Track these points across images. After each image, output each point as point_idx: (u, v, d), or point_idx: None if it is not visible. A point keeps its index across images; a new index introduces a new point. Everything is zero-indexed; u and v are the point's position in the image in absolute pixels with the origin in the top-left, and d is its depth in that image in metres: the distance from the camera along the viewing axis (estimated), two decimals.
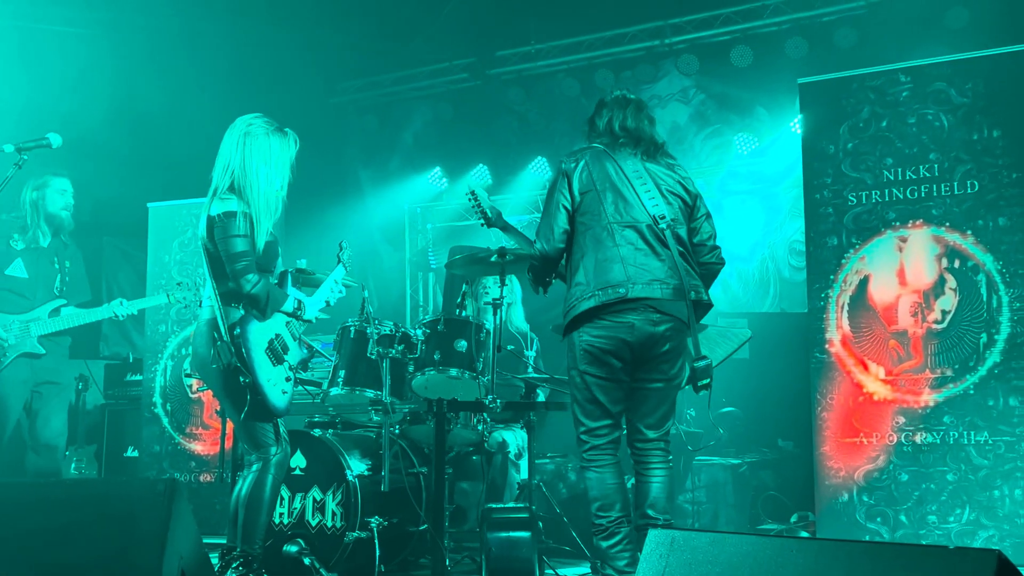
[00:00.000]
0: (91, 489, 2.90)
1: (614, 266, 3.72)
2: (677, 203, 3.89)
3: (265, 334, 4.09)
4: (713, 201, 8.13)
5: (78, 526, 2.78)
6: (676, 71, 8.26)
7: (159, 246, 6.99)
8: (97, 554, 2.73)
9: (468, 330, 4.99)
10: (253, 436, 4.06)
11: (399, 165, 9.75)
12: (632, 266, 3.72)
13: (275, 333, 4.13)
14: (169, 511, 2.75)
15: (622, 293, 3.68)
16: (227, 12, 7.89)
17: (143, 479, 3.09)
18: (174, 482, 2.81)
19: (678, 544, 2.17)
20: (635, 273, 3.71)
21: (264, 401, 4.00)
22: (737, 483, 6.19)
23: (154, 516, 2.73)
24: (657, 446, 3.82)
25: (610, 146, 3.93)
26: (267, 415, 4.05)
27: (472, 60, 9.20)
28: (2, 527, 2.82)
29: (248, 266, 3.99)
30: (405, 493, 4.89)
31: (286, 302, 4.18)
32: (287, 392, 4.12)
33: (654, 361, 3.75)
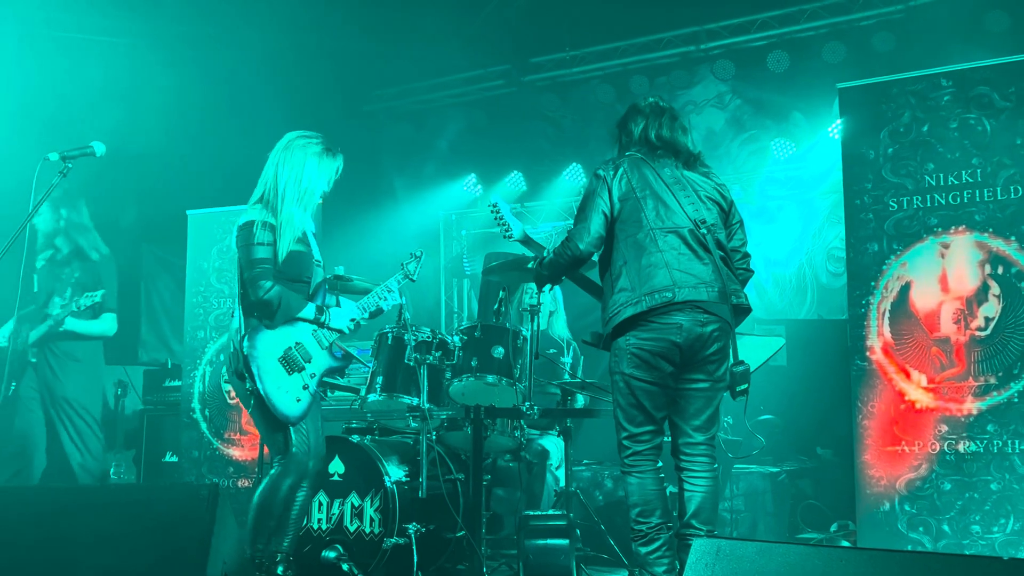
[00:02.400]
0: (136, 494, 2.92)
1: (659, 271, 3.72)
2: (715, 209, 3.90)
3: (281, 342, 4.11)
4: (750, 207, 8.09)
5: (124, 531, 2.80)
6: (712, 76, 8.22)
7: (198, 253, 7.06)
8: (142, 559, 2.76)
9: (505, 337, 4.99)
10: (269, 441, 4.18)
11: (433, 172, 9.77)
12: (677, 270, 3.71)
13: (295, 341, 4.14)
14: (213, 516, 2.77)
15: (669, 297, 3.67)
16: (264, 22, 7.96)
17: (187, 484, 3.12)
18: (216, 487, 2.83)
19: (724, 553, 2.15)
20: (680, 277, 3.70)
21: (272, 408, 4.02)
22: (776, 491, 6.13)
23: (198, 521, 2.75)
24: (703, 451, 3.78)
25: (647, 155, 3.93)
26: (276, 422, 4.07)
27: (507, 67, 9.22)
28: (49, 532, 2.85)
29: (262, 273, 4.06)
30: (442, 500, 4.89)
31: (305, 309, 4.16)
32: (302, 400, 4.09)
33: (701, 362, 3.74)
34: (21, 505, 2.90)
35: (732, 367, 3.71)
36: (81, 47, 7.65)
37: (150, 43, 7.87)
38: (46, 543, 2.83)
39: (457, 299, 9.96)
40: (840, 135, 5.75)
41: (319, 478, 4.29)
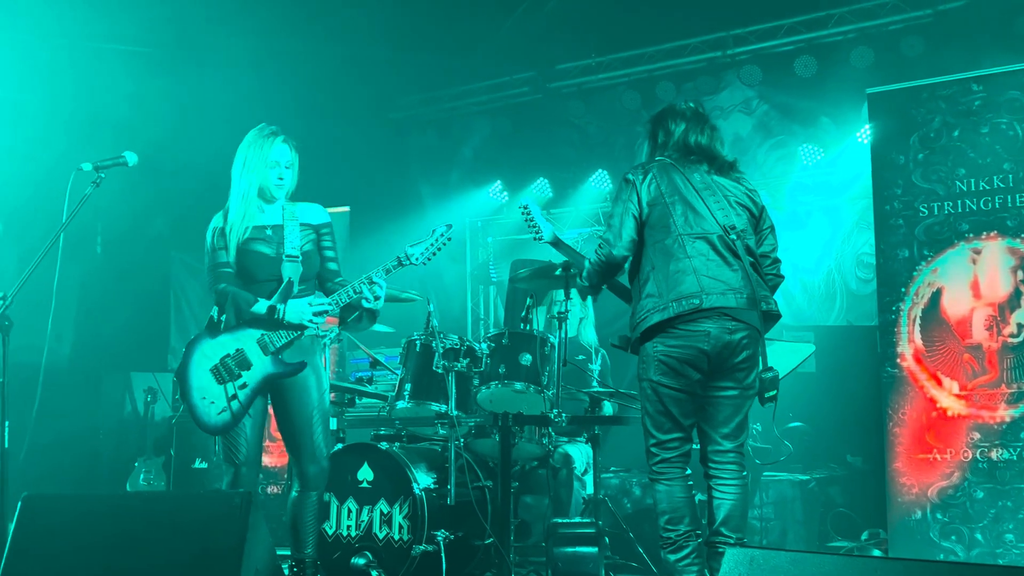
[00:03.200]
0: (170, 502, 2.95)
1: (687, 277, 3.70)
2: (745, 215, 3.88)
3: (218, 351, 4.02)
4: (778, 213, 8.04)
5: (157, 538, 2.83)
6: (738, 82, 8.18)
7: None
8: (176, 566, 2.78)
9: (533, 344, 4.99)
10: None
11: (459, 179, 9.79)
12: (705, 276, 3.70)
13: (235, 349, 4.01)
14: (245, 523, 2.79)
15: (696, 304, 3.66)
16: (290, 30, 8.02)
17: (220, 492, 3.14)
18: (249, 495, 2.85)
19: (758, 563, 2.14)
20: (708, 284, 3.69)
21: (195, 417, 4.00)
22: (805, 499, 6.09)
23: (231, 528, 2.77)
24: (732, 458, 3.76)
25: (679, 160, 3.91)
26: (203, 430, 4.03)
27: (532, 74, 9.22)
28: (84, 538, 2.88)
29: (214, 278, 4.10)
30: (471, 507, 4.90)
31: (256, 305, 3.99)
32: (227, 411, 3.94)
33: (730, 370, 3.72)
34: (58, 512, 2.93)
35: (761, 373, 3.69)
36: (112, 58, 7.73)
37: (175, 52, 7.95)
38: (82, 550, 2.86)
39: (484, 306, 9.97)
40: (869, 140, 5.72)
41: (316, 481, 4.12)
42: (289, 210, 4.17)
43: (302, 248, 4.10)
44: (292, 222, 4.13)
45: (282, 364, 4.00)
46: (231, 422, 3.95)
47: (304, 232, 4.14)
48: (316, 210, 4.26)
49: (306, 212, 4.21)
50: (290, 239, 4.08)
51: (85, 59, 7.67)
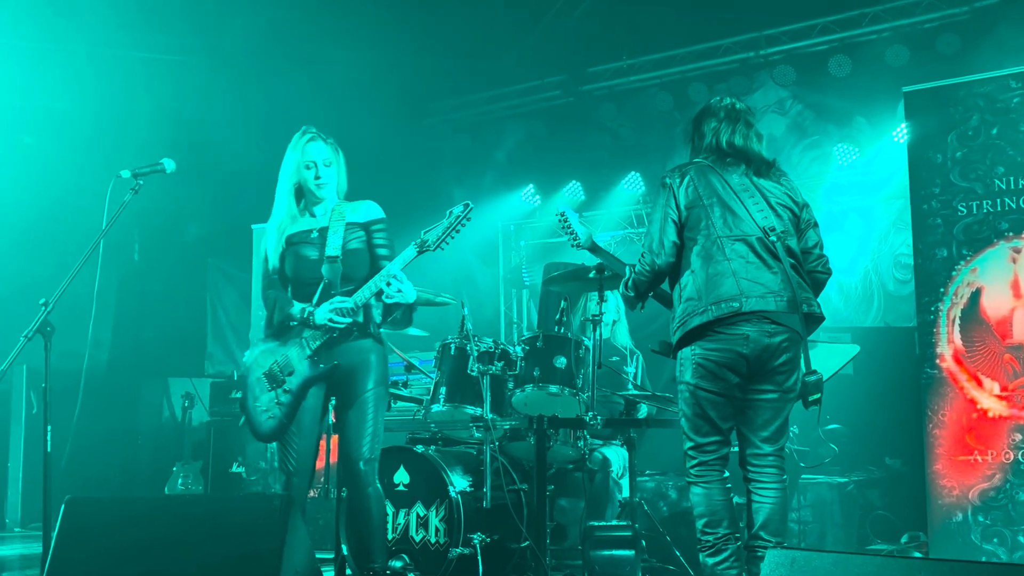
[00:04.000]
0: (209, 505, 2.97)
1: (726, 280, 3.67)
2: (787, 215, 3.81)
3: (268, 357, 4.03)
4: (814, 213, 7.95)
5: (198, 541, 2.85)
6: (772, 82, 8.14)
7: (262, 266, 7.14)
8: (216, 568, 2.80)
9: (567, 347, 4.98)
10: None
11: (492, 183, 9.80)
12: (744, 279, 3.66)
13: (282, 354, 4.00)
14: (285, 526, 2.80)
15: (735, 307, 3.62)
16: (324, 37, 8.09)
17: (260, 495, 3.17)
18: (289, 498, 2.87)
19: (799, 565, 2.12)
20: (748, 287, 3.65)
21: (251, 426, 4.00)
22: (844, 502, 6.03)
23: (271, 531, 2.79)
24: (772, 462, 3.72)
25: (716, 162, 3.87)
26: (256, 438, 4.04)
27: (564, 77, 9.23)
28: (125, 541, 2.91)
29: (264, 284, 4.11)
30: (507, 510, 4.90)
31: (292, 308, 3.98)
32: (273, 417, 3.94)
33: (770, 373, 3.68)
34: (100, 515, 2.97)
35: (804, 376, 3.64)
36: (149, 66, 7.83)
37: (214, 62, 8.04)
38: (124, 552, 2.89)
39: (517, 309, 9.97)
40: (906, 139, 5.66)
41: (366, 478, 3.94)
42: (338, 210, 4.09)
43: (344, 247, 4.01)
44: (338, 222, 4.05)
45: (317, 367, 3.95)
46: (278, 428, 3.93)
47: (350, 231, 4.05)
48: (366, 207, 4.16)
49: (356, 210, 4.12)
50: (332, 240, 4.01)
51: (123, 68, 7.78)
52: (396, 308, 4.06)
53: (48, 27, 7.50)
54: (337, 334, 3.94)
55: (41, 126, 8.12)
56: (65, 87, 7.76)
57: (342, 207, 4.12)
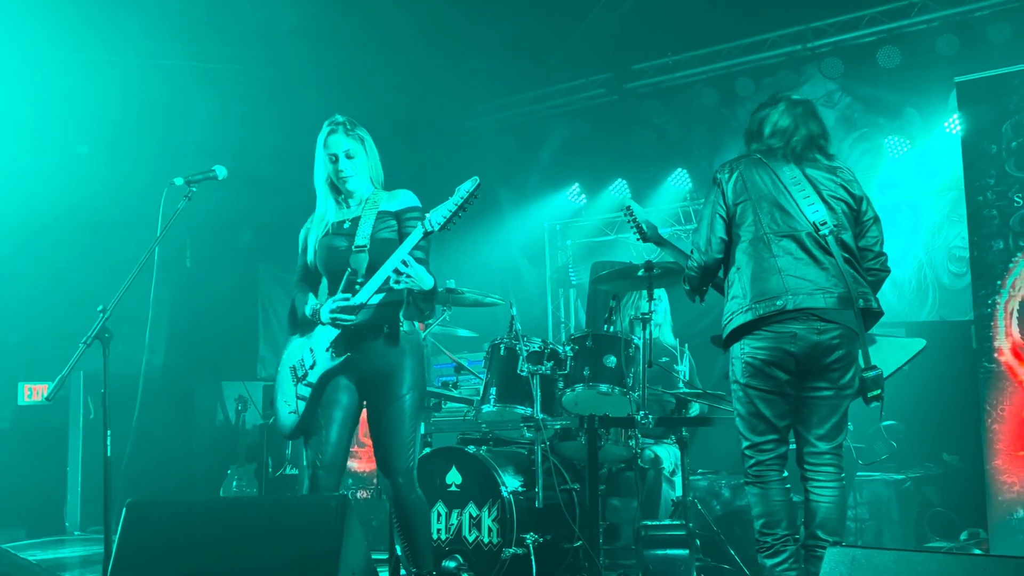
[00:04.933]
0: (267, 506, 3.01)
1: (771, 277, 3.62)
2: (841, 208, 3.73)
3: (295, 352, 3.97)
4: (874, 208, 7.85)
5: (256, 542, 2.89)
6: (820, 75, 8.03)
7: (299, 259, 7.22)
8: (274, 570, 2.83)
9: (617, 345, 4.96)
10: None
11: (537, 183, 9.81)
12: (791, 277, 3.60)
13: (308, 348, 3.91)
14: (342, 527, 2.83)
15: (780, 305, 3.57)
16: (368, 43, 8.15)
17: (316, 496, 3.20)
18: (345, 499, 2.89)
19: (859, 563, 2.09)
20: (794, 284, 3.59)
21: (277, 422, 4.00)
22: (901, 499, 5.94)
23: (328, 533, 2.82)
24: (829, 460, 3.67)
25: (766, 154, 3.82)
26: (281, 435, 4.02)
27: (608, 75, 9.21)
28: (185, 543, 2.96)
29: (294, 280, 4.10)
30: (559, 509, 4.90)
31: (308, 304, 3.92)
32: (295, 412, 3.87)
33: (823, 370, 3.62)
34: (161, 518, 3.01)
35: (863, 372, 3.58)
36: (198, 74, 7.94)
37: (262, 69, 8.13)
38: (184, 554, 2.94)
39: (564, 309, 9.96)
40: (959, 130, 5.57)
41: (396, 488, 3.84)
42: (372, 200, 4.00)
43: (373, 237, 3.87)
44: (371, 211, 3.95)
45: (334, 359, 3.81)
46: (299, 424, 3.85)
47: (381, 220, 3.92)
48: (400, 196, 4.03)
49: (389, 200, 4.00)
50: (362, 229, 3.90)
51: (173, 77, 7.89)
52: (415, 296, 3.83)
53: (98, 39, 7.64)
54: (352, 327, 3.77)
55: (94, 136, 8.28)
56: (116, 97, 7.90)
57: (377, 196, 4.02)
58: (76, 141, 8.38)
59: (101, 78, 7.82)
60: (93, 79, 7.81)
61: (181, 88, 7.86)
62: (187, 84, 7.88)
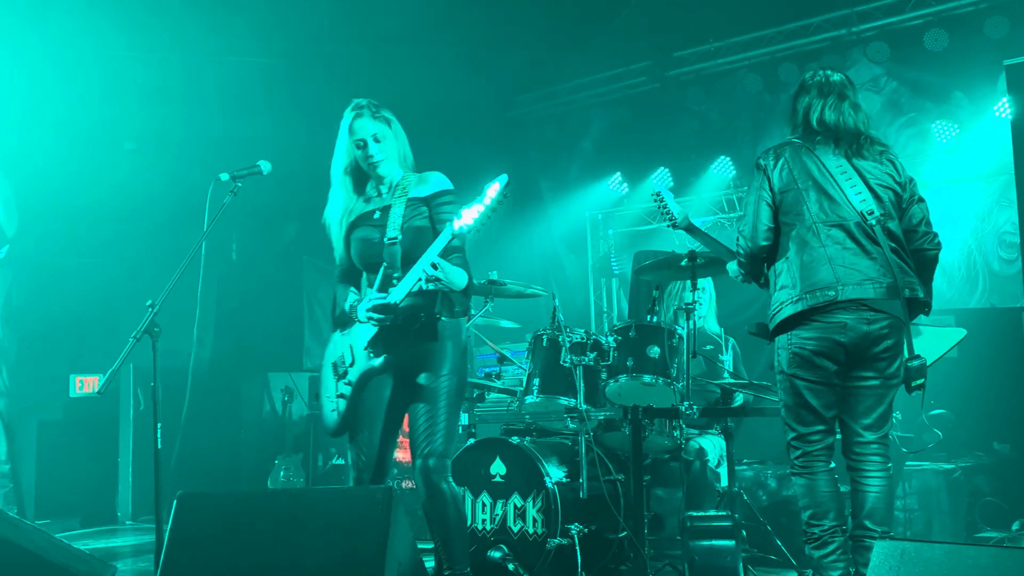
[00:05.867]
0: (314, 499, 3.04)
1: (821, 267, 3.59)
2: (888, 196, 3.69)
3: (338, 348, 3.85)
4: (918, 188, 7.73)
5: (304, 533, 2.92)
6: (865, 59, 7.92)
7: None
8: (322, 560, 2.87)
9: (660, 336, 4.95)
10: None
11: (578, 173, 9.79)
12: (841, 267, 3.57)
13: (348, 345, 3.79)
14: (388, 519, 2.85)
15: (831, 296, 3.54)
16: (408, 35, 8.16)
17: (363, 488, 3.22)
18: (391, 491, 2.92)
19: (909, 556, 2.07)
20: (844, 274, 3.56)
21: (322, 419, 3.89)
22: (951, 489, 5.87)
23: (374, 524, 2.84)
24: (875, 450, 3.64)
25: (810, 141, 3.77)
26: (325, 432, 3.87)
27: (649, 63, 9.16)
28: (236, 534, 3.00)
29: (337, 275, 3.95)
30: (603, 500, 4.90)
31: (346, 301, 3.78)
32: (336, 410, 3.77)
33: (871, 360, 3.60)
34: (211, 509, 3.06)
35: (907, 362, 3.55)
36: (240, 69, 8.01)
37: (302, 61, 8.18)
38: (235, 545, 2.98)
39: (606, 299, 9.94)
40: (1009, 114, 5.46)
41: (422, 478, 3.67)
42: (402, 186, 3.79)
43: (405, 227, 3.68)
44: (400, 199, 3.75)
45: (371, 360, 3.70)
46: (340, 423, 3.76)
47: (412, 208, 3.72)
48: (431, 180, 3.81)
49: (419, 184, 3.79)
50: (392, 219, 3.70)
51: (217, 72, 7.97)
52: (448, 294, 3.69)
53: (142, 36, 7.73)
54: (390, 324, 3.62)
55: (141, 132, 8.39)
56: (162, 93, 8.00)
57: (407, 181, 3.82)
58: (123, 137, 8.50)
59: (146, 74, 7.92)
60: (138, 76, 7.92)
61: (225, 83, 7.94)
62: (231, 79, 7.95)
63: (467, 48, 8.44)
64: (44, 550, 3.99)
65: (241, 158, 4.42)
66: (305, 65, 8.19)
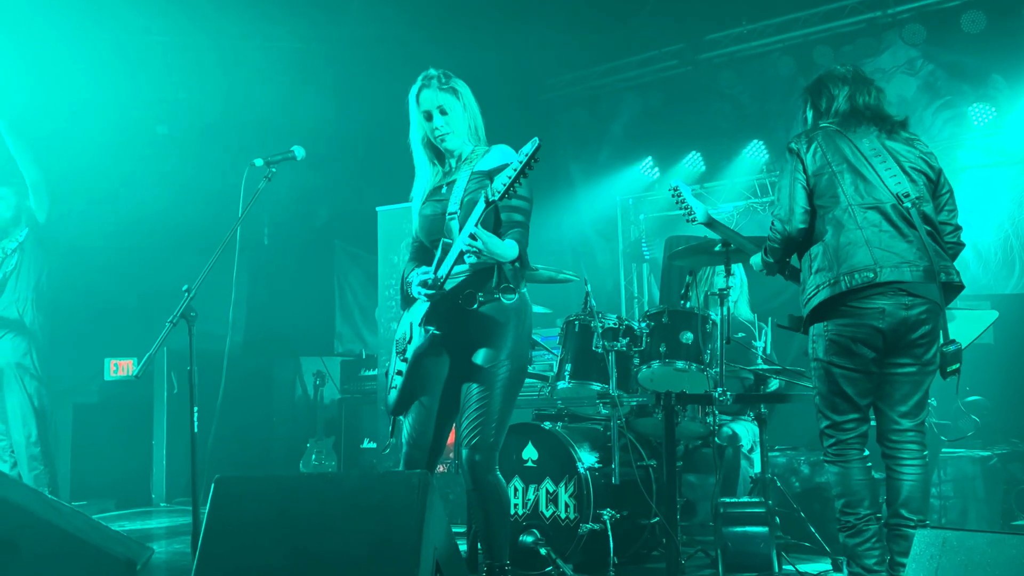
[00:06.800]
0: (350, 483, 3.06)
1: (858, 250, 3.56)
2: (921, 180, 3.68)
3: (404, 325, 3.76)
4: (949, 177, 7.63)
5: (341, 517, 2.94)
6: (901, 42, 7.83)
7: (388, 248, 7.31)
8: (359, 545, 2.88)
9: (693, 322, 4.93)
10: None
11: (609, 157, 9.76)
12: (878, 249, 3.55)
13: (409, 322, 3.71)
14: (423, 504, 2.86)
15: (870, 278, 3.52)
16: (437, 20, 8.15)
17: (398, 473, 3.23)
18: (427, 476, 2.93)
19: (951, 545, 2.05)
20: (882, 256, 3.54)
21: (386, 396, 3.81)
22: (987, 476, 5.81)
23: (410, 508, 2.85)
24: (912, 437, 3.62)
25: (844, 126, 3.76)
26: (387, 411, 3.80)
27: (681, 46, 9.10)
28: (273, 518, 3.03)
29: (409, 255, 3.89)
30: (635, 486, 4.90)
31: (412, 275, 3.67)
32: (395, 387, 3.70)
33: (908, 346, 3.57)
34: (249, 493, 3.09)
35: (942, 347, 3.52)
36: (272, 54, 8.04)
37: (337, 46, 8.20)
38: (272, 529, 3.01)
39: (637, 284, 9.91)
40: None
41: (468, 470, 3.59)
42: (468, 160, 3.71)
43: (464, 201, 3.57)
44: (464, 173, 3.66)
45: (424, 335, 3.60)
46: (398, 400, 3.68)
47: (474, 182, 3.60)
48: (495, 153, 3.70)
49: (484, 158, 3.69)
50: (455, 194, 3.61)
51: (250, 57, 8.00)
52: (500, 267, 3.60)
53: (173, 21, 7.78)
54: (443, 299, 3.54)
55: (174, 116, 8.45)
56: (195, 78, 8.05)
57: (475, 154, 3.73)
58: (156, 121, 8.55)
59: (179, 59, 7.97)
60: (171, 60, 7.97)
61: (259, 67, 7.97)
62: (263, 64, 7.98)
63: (497, 32, 8.42)
64: (83, 532, 4.05)
65: (275, 143, 4.44)
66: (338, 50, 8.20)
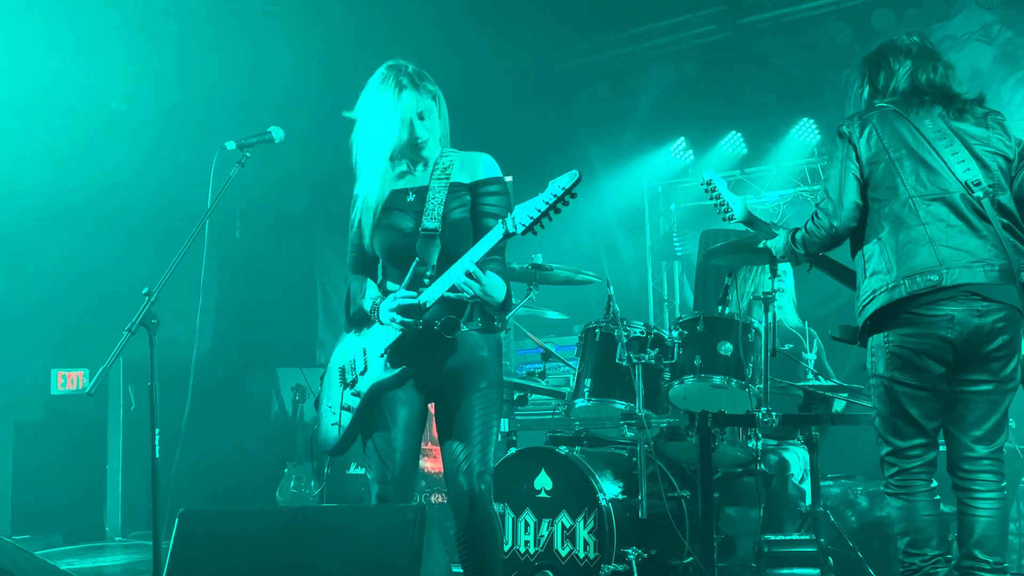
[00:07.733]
0: (336, 517, 3.08)
1: (921, 248, 3.56)
2: (996, 163, 3.67)
3: (349, 350, 3.73)
4: None
5: (325, 558, 2.96)
6: (975, 4, 7.84)
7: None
8: None
9: (733, 330, 4.94)
10: None
11: (635, 138, 9.74)
12: (944, 247, 3.55)
13: (362, 348, 3.67)
14: (420, 541, 2.89)
15: (935, 281, 3.52)
16: None
17: (391, 506, 3.24)
18: (423, 509, 2.95)
19: None
20: (949, 256, 3.53)
21: (317, 432, 3.80)
22: None
23: (406, 545, 2.88)
24: (987, 466, 3.62)
25: (903, 105, 3.76)
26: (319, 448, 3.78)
27: (720, 9, 9.09)
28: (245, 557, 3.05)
29: (350, 262, 3.83)
30: (666, 520, 4.91)
31: (364, 299, 3.62)
32: (338, 425, 3.66)
33: (982, 360, 3.56)
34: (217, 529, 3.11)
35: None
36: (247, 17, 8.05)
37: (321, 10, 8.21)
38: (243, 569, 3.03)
39: (667, 285, 9.91)
40: None
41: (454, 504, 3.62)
42: (441, 164, 3.68)
43: (445, 217, 3.58)
44: (440, 183, 3.64)
45: (387, 370, 3.57)
46: (341, 441, 3.67)
47: (455, 194, 3.61)
48: (475, 162, 3.70)
49: (463, 166, 3.68)
50: (431, 206, 3.58)
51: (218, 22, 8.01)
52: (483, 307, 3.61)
53: None
54: (418, 331, 3.51)
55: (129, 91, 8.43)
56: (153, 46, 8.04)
57: (448, 160, 3.71)
58: (109, 97, 8.52)
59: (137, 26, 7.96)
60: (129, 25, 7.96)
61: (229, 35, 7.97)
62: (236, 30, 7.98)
63: None
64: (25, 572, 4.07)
65: (249, 123, 4.45)
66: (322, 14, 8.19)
